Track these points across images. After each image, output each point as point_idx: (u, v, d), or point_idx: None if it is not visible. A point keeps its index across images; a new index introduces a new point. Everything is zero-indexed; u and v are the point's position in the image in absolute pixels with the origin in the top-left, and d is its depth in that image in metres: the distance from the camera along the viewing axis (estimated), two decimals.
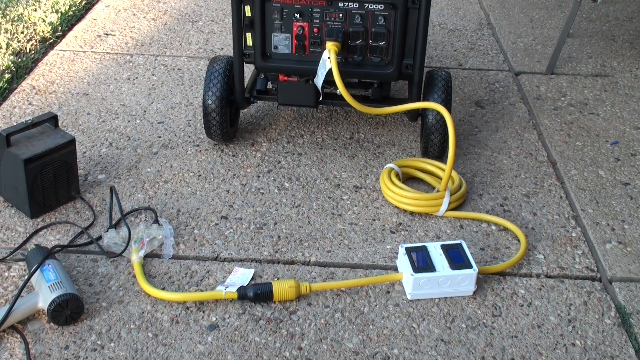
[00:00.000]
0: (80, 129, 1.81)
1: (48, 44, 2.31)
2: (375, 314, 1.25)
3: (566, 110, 2.00)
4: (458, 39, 2.47)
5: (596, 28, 2.60)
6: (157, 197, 1.55)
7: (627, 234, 1.49)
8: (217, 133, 1.69)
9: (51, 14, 2.49)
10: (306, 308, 1.26)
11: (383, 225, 1.49)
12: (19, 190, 1.44)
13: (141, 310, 1.24)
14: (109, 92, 2.01)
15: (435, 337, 1.21)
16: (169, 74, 2.13)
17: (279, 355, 1.16)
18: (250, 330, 1.21)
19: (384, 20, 1.51)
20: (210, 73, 1.65)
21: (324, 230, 1.47)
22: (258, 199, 1.56)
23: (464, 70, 2.23)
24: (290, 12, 1.53)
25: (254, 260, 1.38)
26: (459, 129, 1.88)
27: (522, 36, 2.51)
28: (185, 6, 2.69)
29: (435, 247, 1.33)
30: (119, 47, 2.30)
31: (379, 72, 1.57)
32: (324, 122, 1.88)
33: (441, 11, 2.74)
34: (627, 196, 1.62)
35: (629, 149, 1.82)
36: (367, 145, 1.78)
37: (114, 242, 1.38)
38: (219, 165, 1.68)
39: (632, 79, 2.20)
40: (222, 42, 2.38)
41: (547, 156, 1.77)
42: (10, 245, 1.39)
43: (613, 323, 1.26)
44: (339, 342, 1.19)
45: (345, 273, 1.35)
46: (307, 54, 1.57)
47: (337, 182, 1.63)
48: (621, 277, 1.37)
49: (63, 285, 1.20)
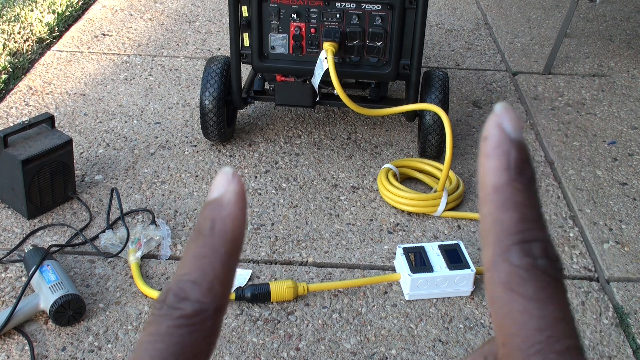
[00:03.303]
0: (77, 129, 1.81)
1: (45, 44, 2.31)
2: (372, 314, 1.25)
3: (563, 110, 2.01)
4: (455, 39, 2.47)
5: (593, 28, 2.60)
6: (155, 198, 1.55)
7: (624, 233, 1.49)
8: (214, 133, 1.69)
9: (48, 15, 2.48)
10: (304, 309, 1.26)
11: (380, 225, 1.49)
12: (16, 191, 1.43)
13: (138, 311, 1.24)
14: (106, 93, 2.00)
15: (433, 338, 1.21)
16: (166, 75, 2.13)
17: (277, 356, 1.16)
18: (248, 330, 1.20)
19: (381, 21, 1.51)
20: (208, 73, 1.65)
21: (322, 230, 1.47)
22: (255, 200, 1.56)
23: (461, 70, 2.23)
24: (288, 12, 1.53)
25: (252, 260, 1.38)
26: (457, 129, 1.88)
27: (520, 36, 2.51)
28: (182, 6, 2.68)
29: (433, 248, 1.33)
30: (115, 47, 2.30)
31: (376, 72, 1.57)
32: (321, 123, 1.87)
33: (438, 11, 2.74)
34: (625, 196, 1.62)
35: (627, 149, 1.82)
36: (365, 145, 1.78)
37: (111, 243, 1.37)
38: (216, 166, 1.67)
39: (629, 79, 2.21)
40: (219, 43, 2.38)
41: (545, 156, 1.77)
42: (7, 247, 1.38)
43: (611, 323, 1.26)
44: (336, 343, 1.19)
45: (343, 273, 1.35)
46: (304, 55, 1.57)
47: (335, 182, 1.63)
48: (619, 277, 1.37)
49: (64, 285, 1.19)
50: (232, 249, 0.23)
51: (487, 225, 0.22)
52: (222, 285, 0.22)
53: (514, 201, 0.21)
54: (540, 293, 0.20)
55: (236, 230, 0.23)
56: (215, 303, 0.22)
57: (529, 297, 0.20)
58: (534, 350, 0.20)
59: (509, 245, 0.21)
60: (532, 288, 0.20)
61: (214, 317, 0.22)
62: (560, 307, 0.21)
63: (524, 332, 0.20)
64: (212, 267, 0.22)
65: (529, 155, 0.22)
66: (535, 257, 0.21)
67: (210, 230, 0.23)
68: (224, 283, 0.22)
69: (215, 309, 0.22)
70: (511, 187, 0.21)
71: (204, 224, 0.23)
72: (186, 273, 0.22)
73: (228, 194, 0.23)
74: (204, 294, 0.22)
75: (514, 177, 0.21)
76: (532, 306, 0.20)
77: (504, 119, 0.22)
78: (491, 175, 0.22)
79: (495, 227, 0.21)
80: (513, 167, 0.21)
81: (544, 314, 0.20)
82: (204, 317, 0.22)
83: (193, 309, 0.22)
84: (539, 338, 0.20)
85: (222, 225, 0.23)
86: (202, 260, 0.22)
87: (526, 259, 0.21)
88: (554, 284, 0.21)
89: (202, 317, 0.22)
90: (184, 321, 0.22)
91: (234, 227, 0.23)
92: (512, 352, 0.20)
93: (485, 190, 0.22)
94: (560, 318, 0.20)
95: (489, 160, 0.22)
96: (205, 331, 0.22)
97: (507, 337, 0.21)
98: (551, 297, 0.21)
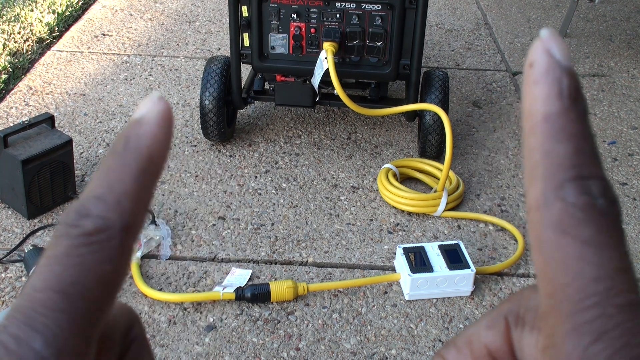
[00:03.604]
0: (77, 129, 1.81)
1: (45, 44, 2.31)
2: (373, 314, 1.25)
3: None
4: (455, 39, 2.48)
5: (593, 28, 2.60)
6: (155, 198, 1.55)
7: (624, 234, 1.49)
8: (214, 133, 1.69)
9: (48, 15, 2.48)
10: (304, 309, 1.26)
11: (380, 225, 1.49)
12: (16, 191, 1.43)
13: (138, 311, 1.24)
14: (106, 93, 2.00)
15: (433, 338, 1.21)
16: (166, 75, 2.13)
17: (277, 356, 1.16)
18: (248, 331, 1.20)
19: (381, 21, 1.51)
20: (208, 73, 1.65)
21: (322, 230, 1.47)
22: (255, 200, 1.56)
23: (461, 70, 2.23)
24: (288, 12, 1.53)
25: (252, 260, 1.38)
26: (457, 129, 1.88)
27: (520, 36, 2.51)
28: (182, 6, 2.68)
29: (433, 248, 1.33)
30: (115, 47, 2.30)
31: (376, 72, 1.57)
32: (321, 123, 1.87)
33: (438, 11, 2.74)
34: (625, 196, 1.62)
35: (626, 149, 1.82)
36: (365, 145, 1.78)
37: None
38: (216, 166, 1.67)
39: (629, 79, 2.21)
40: (219, 43, 2.38)
41: None
42: (7, 247, 1.38)
43: None
44: (336, 343, 1.19)
45: (343, 273, 1.35)
46: (304, 55, 1.57)
47: (335, 182, 1.63)
48: None
49: None
50: (147, 166, 0.20)
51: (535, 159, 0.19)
52: (132, 201, 0.19)
53: (569, 131, 0.19)
54: (599, 237, 0.18)
55: (153, 148, 0.20)
56: (122, 220, 0.19)
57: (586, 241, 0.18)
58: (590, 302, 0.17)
59: (563, 181, 0.18)
60: (589, 231, 0.18)
61: (120, 235, 0.19)
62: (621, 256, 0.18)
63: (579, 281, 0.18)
64: (121, 182, 0.20)
65: (581, 87, 0.20)
66: (593, 196, 0.18)
67: (124, 147, 0.20)
68: (134, 200, 0.20)
69: (122, 226, 0.19)
70: (565, 116, 0.19)
71: (118, 142, 0.20)
72: (91, 189, 0.20)
73: (150, 114, 0.20)
74: (108, 209, 0.19)
75: (568, 105, 0.19)
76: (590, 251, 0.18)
77: (551, 45, 0.19)
78: (541, 103, 0.19)
79: (546, 160, 0.19)
80: (566, 95, 0.19)
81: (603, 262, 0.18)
82: (108, 235, 0.19)
83: (94, 225, 0.19)
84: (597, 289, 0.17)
85: (136, 141, 0.20)
86: (110, 176, 0.20)
87: (584, 197, 0.18)
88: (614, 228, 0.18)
89: (106, 235, 0.19)
90: (83, 239, 0.19)
91: (151, 144, 0.20)
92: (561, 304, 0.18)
93: (533, 119, 0.19)
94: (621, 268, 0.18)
95: (537, 87, 0.19)
96: (110, 251, 0.19)
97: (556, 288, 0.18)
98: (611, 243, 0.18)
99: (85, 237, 0.19)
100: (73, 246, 0.19)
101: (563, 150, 0.19)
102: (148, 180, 0.20)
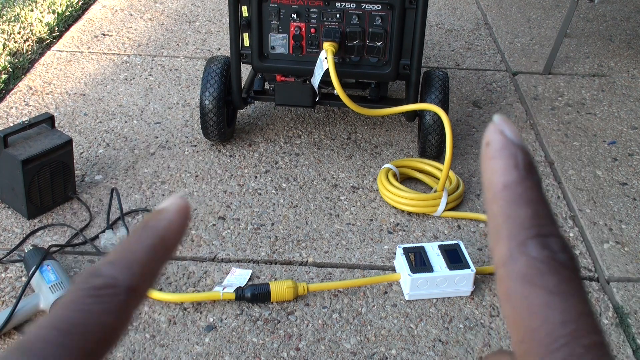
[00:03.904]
0: (77, 129, 1.81)
1: (45, 44, 2.31)
2: (373, 314, 1.25)
3: (563, 110, 2.00)
4: (455, 39, 2.47)
5: (593, 28, 2.60)
6: (155, 198, 1.55)
7: (624, 233, 1.49)
8: (214, 133, 1.69)
9: (48, 15, 2.48)
10: (304, 309, 1.26)
11: (380, 225, 1.49)
12: (16, 191, 1.43)
13: (138, 311, 1.24)
14: (106, 93, 2.00)
15: (433, 338, 1.21)
16: (166, 75, 2.13)
17: (277, 356, 1.16)
18: (248, 331, 1.20)
19: (381, 21, 1.51)
20: (208, 73, 1.65)
21: (322, 230, 1.47)
22: (255, 200, 1.56)
23: (461, 70, 2.23)
24: (288, 12, 1.53)
25: (252, 260, 1.38)
26: (457, 129, 1.88)
27: (520, 36, 2.51)
28: (182, 6, 2.68)
29: (433, 248, 1.33)
30: (115, 47, 2.30)
31: (376, 72, 1.57)
32: (321, 123, 1.87)
33: (438, 11, 2.74)
34: (625, 196, 1.62)
35: (626, 149, 1.82)
36: (365, 145, 1.78)
37: (111, 243, 1.38)
38: (216, 166, 1.67)
39: (629, 79, 2.21)
40: (219, 43, 2.38)
41: (545, 156, 1.77)
42: (7, 247, 1.38)
43: (611, 323, 1.26)
44: (336, 343, 1.19)
45: (343, 273, 1.35)
46: (304, 55, 1.57)
47: (335, 182, 1.63)
48: (619, 277, 1.37)
49: (64, 285, 1.19)
50: (159, 244, 0.22)
51: (498, 223, 0.21)
52: (141, 268, 0.22)
53: (527, 197, 0.21)
54: (562, 286, 0.20)
55: (167, 231, 0.22)
56: (129, 280, 0.21)
57: (550, 290, 0.19)
58: (558, 344, 0.19)
59: (526, 239, 0.20)
60: (553, 281, 0.20)
61: (126, 293, 0.21)
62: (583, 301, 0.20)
63: (547, 326, 0.19)
64: (134, 252, 0.22)
65: (534, 160, 0.22)
66: (554, 251, 0.20)
67: (143, 227, 0.23)
68: (143, 267, 0.22)
69: (129, 286, 0.21)
70: (523, 184, 0.21)
71: (139, 225, 0.23)
72: (107, 257, 0.22)
73: (170, 206, 0.23)
74: (118, 271, 0.21)
75: (524, 174, 0.21)
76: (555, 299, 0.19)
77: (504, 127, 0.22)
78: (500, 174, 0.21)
79: (508, 222, 0.21)
80: (522, 167, 0.21)
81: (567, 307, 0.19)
82: (115, 291, 0.21)
83: (104, 282, 0.21)
84: (564, 332, 0.19)
85: (154, 224, 0.23)
86: (125, 247, 0.22)
87: (545, 252, 0.20)
88: (575, 278, 0.20)
89: (112, 291, 0.21)
90: (92, 292, 0.21)
91: (166, 227, 0.22)
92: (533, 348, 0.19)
93: (493, 189, 0.21)
94: (584, 312, 0.19)
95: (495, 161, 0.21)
96: (115, 305, 0.21)
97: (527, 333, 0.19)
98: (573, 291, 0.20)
99: (94, 290, 0.21)
100: (82, 296, 0.21)
101: (523, 213, 0.21)
102: (160, 255, 0.22)
